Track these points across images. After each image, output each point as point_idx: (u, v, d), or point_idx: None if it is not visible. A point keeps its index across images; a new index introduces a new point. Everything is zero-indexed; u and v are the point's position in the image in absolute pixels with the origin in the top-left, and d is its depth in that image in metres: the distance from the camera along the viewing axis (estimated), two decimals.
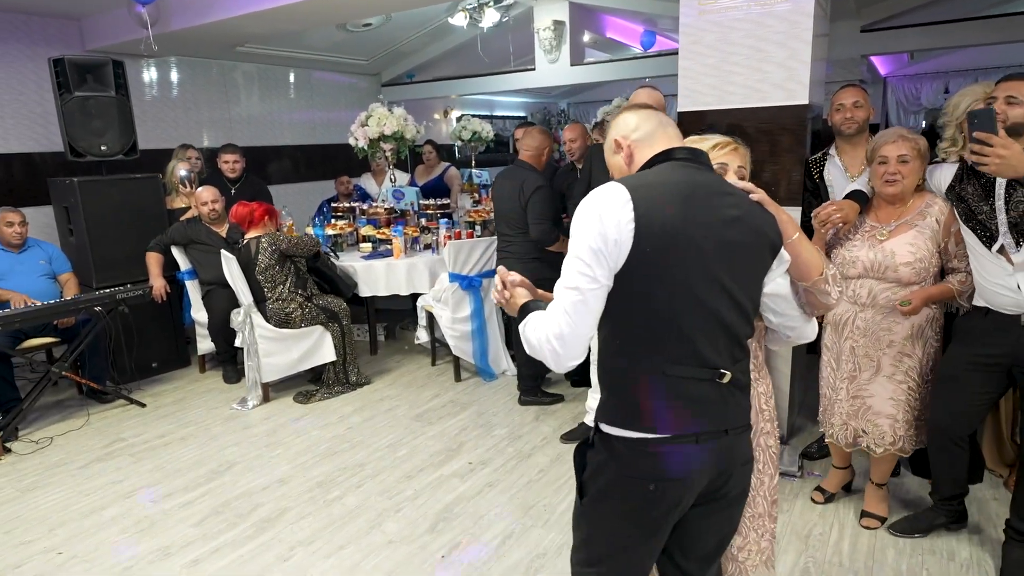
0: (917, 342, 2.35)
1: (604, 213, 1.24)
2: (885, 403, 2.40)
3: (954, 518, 2.46)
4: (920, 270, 2.27)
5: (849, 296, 2.41)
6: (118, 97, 4.26)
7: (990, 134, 1.85)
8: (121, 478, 3.17)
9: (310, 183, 7.20)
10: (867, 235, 2.36)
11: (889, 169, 2.26)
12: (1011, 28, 5.20)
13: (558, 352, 1.27)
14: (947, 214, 2.26)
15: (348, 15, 5.19)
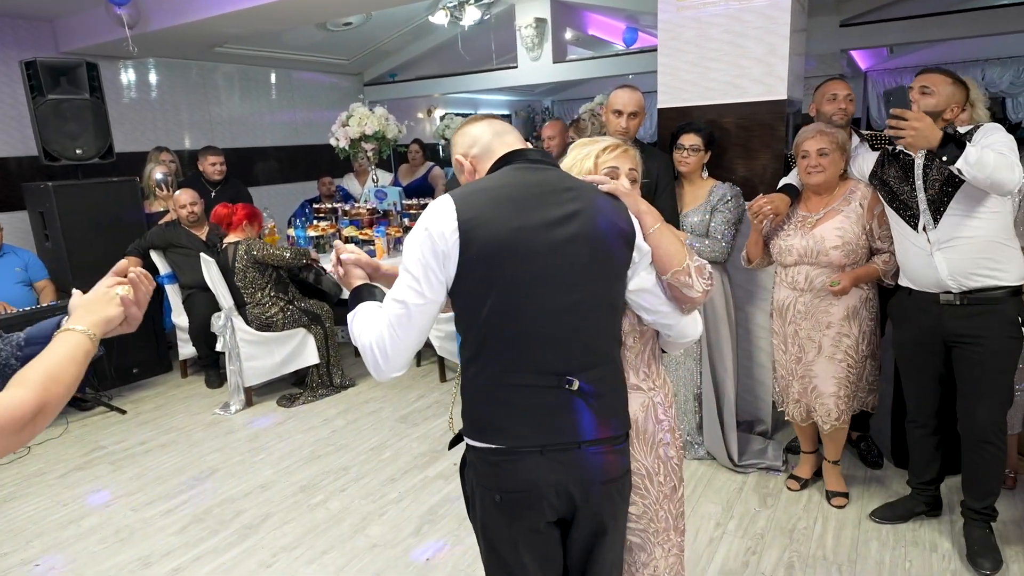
0: (853, 322, 2.49)
1: (431, 226, 1.22)
2: (828, 382, 2.54)
3: (930, 504, 2.52)
4: (849, 252, 2.42)
5: (788, 282, 2.57)
6: (93, 100, 4.19)
7: (904, 109, 2.02)
8: (100, 487, 3.12)
9: (293, 184, 7.14)
10: (799, 224, 2.53)
11: (811, 162, 2.44)
12: (989, 21, 5.25)
13: (379, 363, 1.25)
14: (870, 197, 2.43)
15: (327, 14, 5.14)
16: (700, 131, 2.84)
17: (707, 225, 2.84)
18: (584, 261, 1.26)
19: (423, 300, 1.23)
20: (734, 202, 2.83)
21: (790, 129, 3.13)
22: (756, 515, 2.64)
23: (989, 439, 2.21)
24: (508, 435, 1.27)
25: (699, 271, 1.39)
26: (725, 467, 2.97)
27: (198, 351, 4.32)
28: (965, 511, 2.34)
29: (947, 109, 2.13)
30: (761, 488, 2.82)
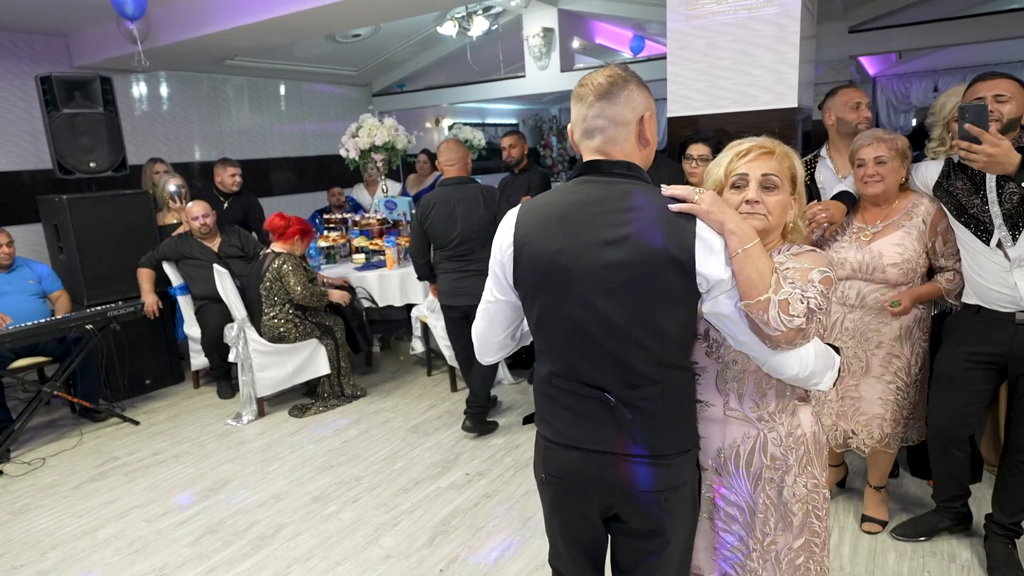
0: (905, 342, 2.34)
1: (498, 236, 1.38)
2: (874, 403, 2.39)
3: (957, 520, 2.44)
4: (907, 271, 2.26)
5: (838, 298, 2.41)
6: (106, 113, 4.24)
7: (981, 130, 1.85)
8: (115, 498, 3.13)
9: (303, 195, 7.19)
10: (854, 236, 2.36)
11: (868, 171, 2.26)
12: (997, 26, 5.24)
13: (476, 348, 1.52)
14: (934, 213, 2.25)
15: (336, 27, 5.19)
16: (708, 140, 2.83)
17: None
18: (628, 285, 1.23)
19: (494, 299, 1.43)
20: None
21: (799, 136, 3.13)
22: None
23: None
24: (553, 428, 1.39)
25: (784, 306, 1.20)
26: None
27: (210, 362, 4.35)
28: (990, 524, 2.28)
29: (1022, 115, 2.01)
30: None
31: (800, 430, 1.43)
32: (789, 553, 1.44)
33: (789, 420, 1.42)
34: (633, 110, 1.28)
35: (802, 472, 1.43)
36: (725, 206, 1.25)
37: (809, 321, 1.22)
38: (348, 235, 5.05)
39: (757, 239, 1.23)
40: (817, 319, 1.25)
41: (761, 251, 1.23)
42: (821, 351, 1.31)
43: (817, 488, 1.46)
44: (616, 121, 1.28)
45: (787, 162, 1.41)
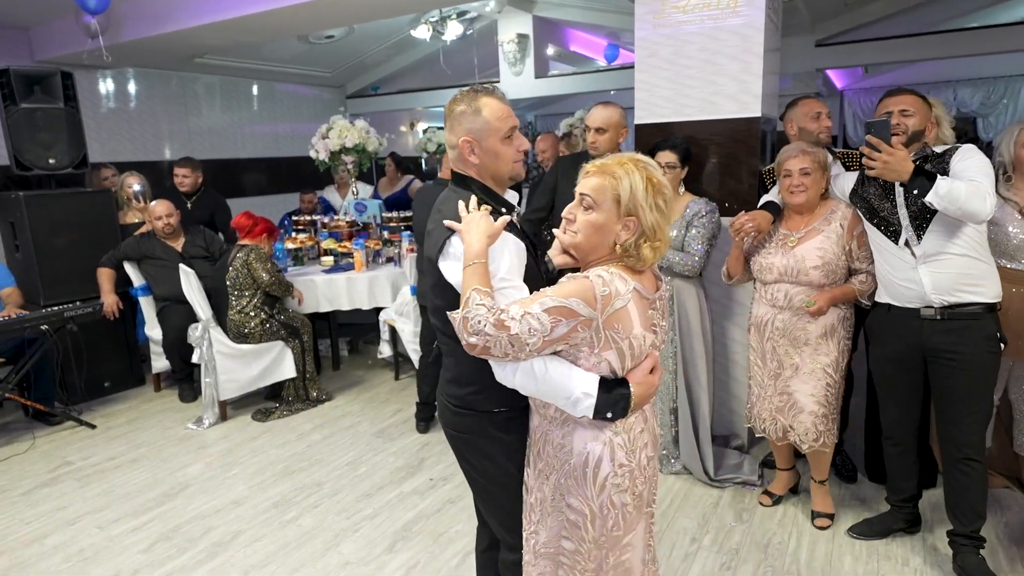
0: (831, 340, 2.48)
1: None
2: (807, 399, 2.52)
3: (909, 522, 2.52)
4: (828, 272, 2.43)
5: (768, 299, 2.57)
6: (67, 109, 4.14)
7: (880, 140, 2.07)
8: (66, 504, 3.04)
9: (275, 196, 7.09)
10: (780, 242, 2.53)
11: (793, 181, 2.45)
12: (961, 43, 5.38)
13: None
14: (850, 218, 2.43)
15: (308, 27, 5.14)
16: (676, 147, 2.86)
17: (682, 239, 2.86)
18: (428, 269, 1.57)
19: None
20: (709, 218, 2.84)
21: (766, 146, 3.17)
22: (731, 530, 2.63)
23: (971, 456, 2.20)
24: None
25: (464, 323, 1.33)
26: (701, 481, 2.97)
27: (171, 364, 4.25)
28: (954, 539, 2.30)
29: (926, 127, 2.19)
30: (737, 503, 2.82)
31: (566, 450, 1.47)
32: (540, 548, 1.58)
33: (559, 430, 1.49)
34: (456, 135, 1.56)
35: (559, 488, 1.51)
36: (477, 227, 1.42)
37: (490, 342, 1.31)
38: (317, 237, 4.99)
39: (481, 260, 1.39)
40: (523, 343, 1.31)
41: (475, 271, 1.38)
42: (545, 377, 1.38)
43: (571, 512, 1.49)
44: (448, 144, 1.60)
45: (611, 183, 1.42)
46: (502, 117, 1.54)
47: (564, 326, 1.33)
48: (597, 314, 1.34)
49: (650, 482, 1.55)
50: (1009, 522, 2.61)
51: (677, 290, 2.91)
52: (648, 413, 1.54)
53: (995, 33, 5.27)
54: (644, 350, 1.44)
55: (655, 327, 1.48)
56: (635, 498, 1.48)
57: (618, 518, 1.47)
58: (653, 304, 1.47)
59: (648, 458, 1.52)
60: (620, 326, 1.38)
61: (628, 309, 1.38)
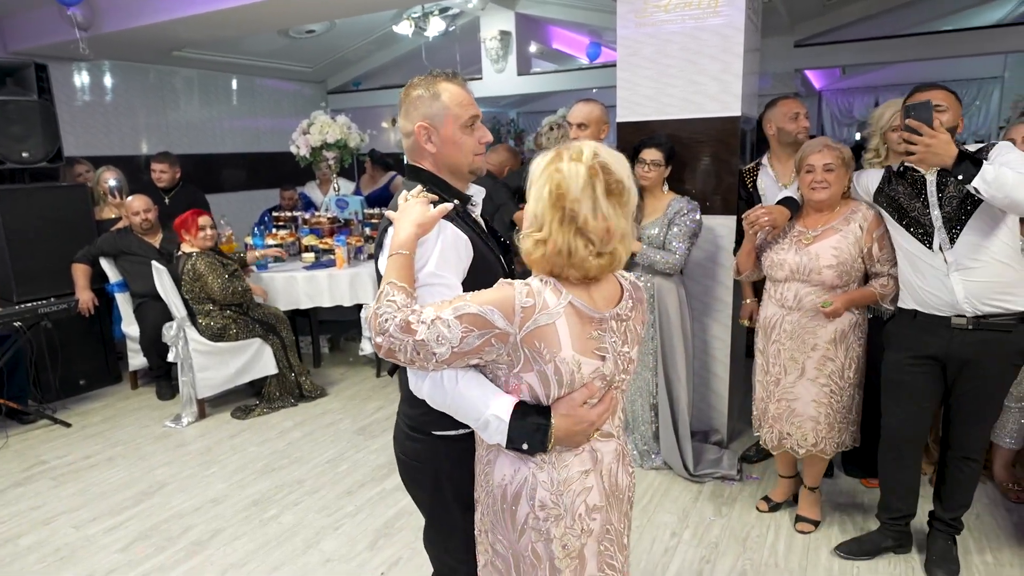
0: (840, 346, 2.40)
1: None
2: (808, 405, 2.45)
3: (900, 541, 2.42)
4: (843, 273, 2.33)
5: (777, 299, 2.48)
6: (41, 101, 4.06)
7: (921, 123, 1.92)
8: (40, 503, 2.99)
9: (255, 191, 7.01)
10: (794, 239, 2.43)
11: (816, 177, 2.34)
12: (937, 45, 5.48)
13: None
14: (871, 220, 2.33)
15: (288, 22, 5.09)
16: (661, 146, 2.88)
17: (663, 237, 2.88)
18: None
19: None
20: (690, 216, 2.86)
21: (745, 146, 3.21)
22: (711, 524, 2.67)
23: (974, 456, 2.23)
24: None
25: (372, 320, 1.18)
26: (681, 476, 3.00)
27: (149, 361, 4.20)
28: (933, 521, 2.35)
29: (958, 123, 2.08)
30: (716, 497, 2.86)
31: (489, 478, 1.29)
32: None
33: (486, 454, 1.30)
34: (411, 121, 1.43)
35: (482, 520, 1.32)
36: (408, 214, 1.29)
37: (395, 345, 1.14)
38: (298, 233, 4.95)
39: (404, 251, 1.24)
40: (430, 351, 1.14)
41: (395, 262, 1.23)
42: (455, 391, 1.20)
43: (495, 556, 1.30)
44: (403, 131, 1.46)
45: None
46: (462, 103, 1.41)
47: (476, 337, 1.13)
48: (515, 329, 1.14)
49: (598, 540, 1.25)
50: (980, 513, 2.67)
51: (657, 288, 2.93)
52: (606, 456, 1.27)
53: (969, 36, 5.38)
54: (579, 378, 1.19)
55: (603, 353, 1.21)
56: (568, 556, 1.22)
57: (545, 570, 1.23)
58: (602, 325, 1.20)
59: (590, 509, 1.23)
60: (543, 346, 1.15)
61: (555, 327, 1.15)
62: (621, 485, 1.30)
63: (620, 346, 1.24)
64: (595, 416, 1.20)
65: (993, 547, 2.45)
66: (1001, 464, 2.79)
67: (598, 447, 1.25)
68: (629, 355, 1.27)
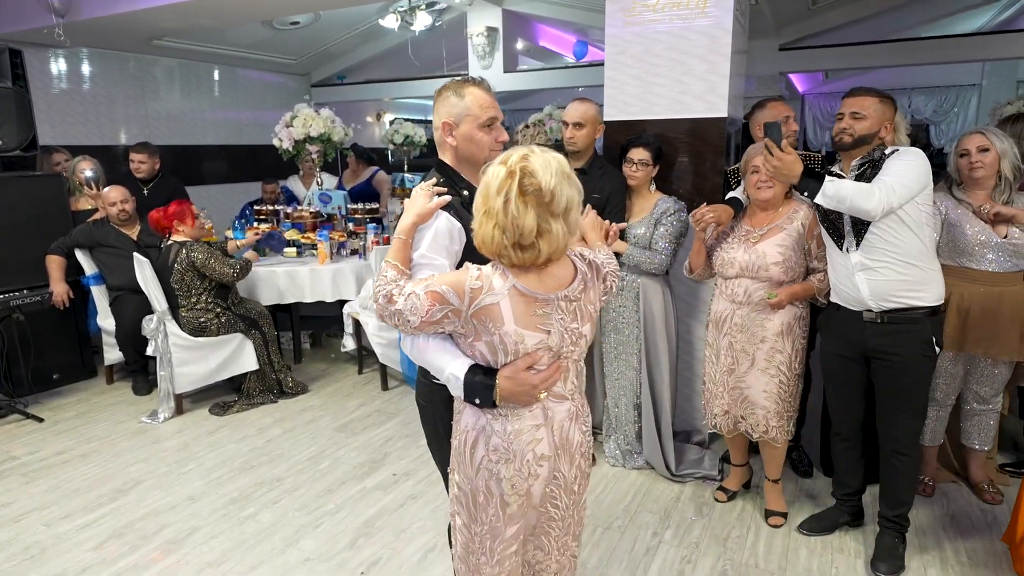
0: (787, 338, 2.52)
1: None
2: (759, 395, 2.56)
3: (854, 515, 2.60)
4: (788, 269, 2.47)
5: (728, 295, 2.60)
6: (15, 88, 3.96)
7: (772, 142, 2.10)
8: (10, 500, 2.92)
9: (236, 184, 6.91)
10: (742, 238, 2.57)
11: (760, 177, 2.48)
12: (917, 52, 5.56)
13: None
14: (811, 219, 2.48)
15: (272, 12, 5.01)
16: (649, 145, 2.88)
17: (650, 237, 2.88)
18: None
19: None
20: (677, 216, 2.87)
21: (731, 146, 3.22)
22: (692, 524, 2.68)
23: (903, 450, 2.31)
24: None
25: (375, 291, 1.44)
26: (663, 476, 3.01)
27: (125, 356, 4.12)
28: (880, 519, 2.43)
29: (880, 128, 2.20)
30: (697, 497, 2.87)
31: (458, 426, 1.51)
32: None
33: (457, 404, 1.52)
34: (439, 117, 1.63)
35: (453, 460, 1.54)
36: (412, 205, 1.52)
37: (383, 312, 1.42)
38: (280, 228, 4.89)
39: (402, 236, 1.49)
40: (405, 319, 1.38)
41: (395, 245, 1.50)
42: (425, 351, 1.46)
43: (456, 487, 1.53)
44: (434, 127, 1.67)
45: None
46: (483, 105, 1.60)
47: (438, 311, 1.36)
48: (464, 306, 1.35)
49: (544, 483, 1.47)
50: (955, 514, 2.71)
51: (643, 287, 2.94)
52: (558, 414, 1.47)
53: (949, 44, 5.45)
54: (523, 348, 1.39)
55: (548, 328, 1.40)
56: (515, 493, 1.44)
57: (497, 507, 1.45)
58: (548, 304, 1.39)
59: (537, 456, 1.44)
60: (489, 321, 1.36)
61: (499, 306, 1.35)
62: (572, 440, 1.50)
63: (569, 323, 1.43)
64: (537, 380, 1.40)
65: (968, 547, 2.49)
66: (976, 466, 2.84)
67: (551, 406, 1.47)
68: (579, 331, 1.46)
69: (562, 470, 1.50)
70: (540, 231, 1.32)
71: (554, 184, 1.32)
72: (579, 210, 1.40)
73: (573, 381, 1.52)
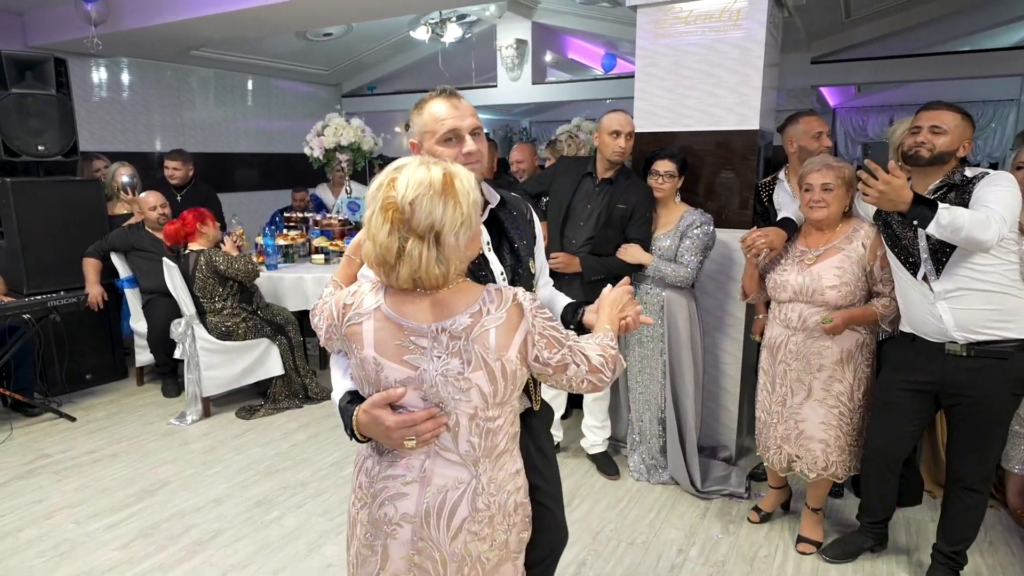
0: (847, 366, 2.36)
1: None
2: (816, 427, 2.41)
3: (878, 540, 2.51)
4: (846, 293, 2.30)
5: (781, 319, 2.45)
6: (59, 96, 4.08)
7: (877, 165, 1.89)
8: (42, 497, 2.98)
9: (267, 192, 7.04)
10: (797, 260, 2.41)
11: (814, 196, 2.32)
12: (950, 66, 5.46)
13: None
14: (873, 238, 2.31)
15: (310, 23, 5.12)
16: (674, 157, 2.87)
17: (675, 250, 2.85)
18: None
19: None
20: (703, 229, 2.84)
21: (761, 159, 3.19)
22: (718, 542, 2.63)
23: (976, 488, 2.18)
24: None
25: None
26: (688, 492, 2.97)
27: (156, 358, 4.19)
28: (935, 553, 2.31)
29: (960, 147, 2.04)
30: (724, 515, 2.82)
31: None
32: None
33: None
34: (409, 137, 1.60)
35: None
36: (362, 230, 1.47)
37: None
38: (308, 235, 4.95)
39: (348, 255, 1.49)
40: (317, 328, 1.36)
41: (342, 262, 1.51)
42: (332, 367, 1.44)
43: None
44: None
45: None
46: (439, 119, 1.46)
47: (330, 328, 1.30)
48: (338, 323, 1.27)
49: (409, 550, 1.26)
50: (993, 541, 2.62)
51: (667, 300, 2.91)
52: (438, 478, 1.25)
53: (985, 58, 5.35)
54: (383, 379, 1.22)
55: (416, 364, 1.21)
56: (369, 545, 1.29)
57: (358, 550, 1.33)
58: (419, 336, 1.20)
59: (400, 515, 1.25)
60: (354, 342, 1.24)
61: (362, 327, 1.23)
62: (457, 514, 1.25)
63: (450, 364, 1.20)
64: (391, 423, 1.21)
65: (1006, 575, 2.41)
66: (1015, 491, 2.74)
67: (432, 466, 1.25)
68: (465, 376, 1.20)
69: (437, 543, 1.25)
70: (399, 251, 1.17)
71: (412, 198, 1.15)
72: (464, 237, 1.19)
73: (472, 443, 1.25)
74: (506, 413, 1.28)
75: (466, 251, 1.22)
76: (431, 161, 1.22)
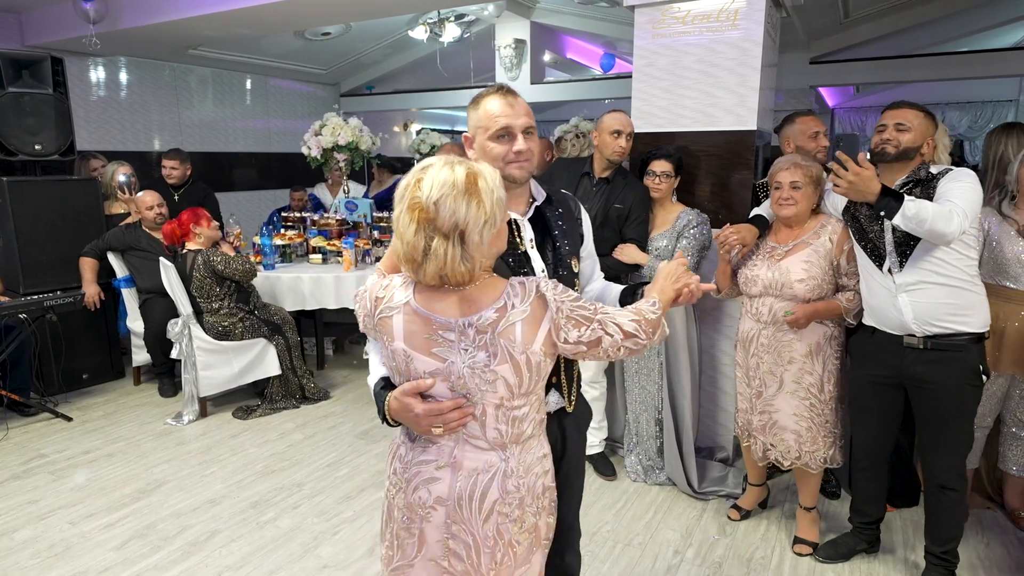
0: (816, 359, 2.42)
1: None
2: (789, 418, 2.47)
3: (870, 543, 2.52)
4: (814, 287, 2.37)
5: (753, 314, 2.52)
6: (56, 95, 4.07)
7: (848, 158, 1.98)
8: (37, 497, 2.97)
9: (265, 191, 7.03)
10: (766, 255, 2.49)
11: (783, 194, 2.40)
12: (950, 66, 5.46)
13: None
14: (840, 233, 2.38)
15: (308, 22, 5.10)
16: (670, 157, 2.86)
17: (672, 250, 2.85)
18: None
19: None
20: (699, 229, 2.84)
21: (759, 160, 3.18)
22: (715, 543, 2.62)
23: (949, 485, 2.20)
24: None
25: None
26: (685, 493, 2.96)
27: (152, 358, 4.18)
28: (927, 554, 2.32)
29: (923, 144, 2.12)
30: (720, 516, 2.81)
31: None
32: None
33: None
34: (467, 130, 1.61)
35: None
36: None
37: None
38: (306, 234, 4.94)
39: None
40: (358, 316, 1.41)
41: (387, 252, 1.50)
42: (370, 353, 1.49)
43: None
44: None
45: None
46: (492, 115, 1.48)
47: (364, 316, 1.36)
48: (371, 313, 1.34)
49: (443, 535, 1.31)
50: (990, 542, 2.61)
51: None
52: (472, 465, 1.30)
53: (984, 58, 5.35)
54: (413, 370, 1.28)
55: (445, 356, 1.26)
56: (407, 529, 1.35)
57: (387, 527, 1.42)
58: (447, 330, 1.25)
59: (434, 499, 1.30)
60: (384, 334, 1.31)
61: (393, 320, 1.29)
62: (488, 497, 1.31)
63: (476, 356, 1.25)
64: (420, 410, 1.26)
65: None
66: (1014, 492, 2.74)
67: (461, 452, 1.31)
68: (491, 369, 1.25)
69: (470, 526, 1.30)
70: (426, 249, 1.21)
71: (436, 198, 1.19)
72: (488, 235, 1.23)
73: (499, 430, 1.30)
74: (532, 401, 1.33)
75: (491, 248, 1.26)
76: (456, 161, 1.25)
